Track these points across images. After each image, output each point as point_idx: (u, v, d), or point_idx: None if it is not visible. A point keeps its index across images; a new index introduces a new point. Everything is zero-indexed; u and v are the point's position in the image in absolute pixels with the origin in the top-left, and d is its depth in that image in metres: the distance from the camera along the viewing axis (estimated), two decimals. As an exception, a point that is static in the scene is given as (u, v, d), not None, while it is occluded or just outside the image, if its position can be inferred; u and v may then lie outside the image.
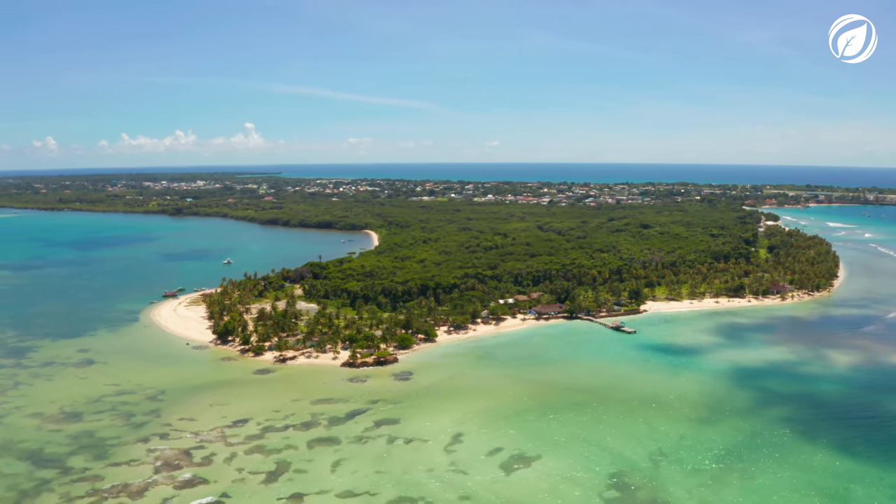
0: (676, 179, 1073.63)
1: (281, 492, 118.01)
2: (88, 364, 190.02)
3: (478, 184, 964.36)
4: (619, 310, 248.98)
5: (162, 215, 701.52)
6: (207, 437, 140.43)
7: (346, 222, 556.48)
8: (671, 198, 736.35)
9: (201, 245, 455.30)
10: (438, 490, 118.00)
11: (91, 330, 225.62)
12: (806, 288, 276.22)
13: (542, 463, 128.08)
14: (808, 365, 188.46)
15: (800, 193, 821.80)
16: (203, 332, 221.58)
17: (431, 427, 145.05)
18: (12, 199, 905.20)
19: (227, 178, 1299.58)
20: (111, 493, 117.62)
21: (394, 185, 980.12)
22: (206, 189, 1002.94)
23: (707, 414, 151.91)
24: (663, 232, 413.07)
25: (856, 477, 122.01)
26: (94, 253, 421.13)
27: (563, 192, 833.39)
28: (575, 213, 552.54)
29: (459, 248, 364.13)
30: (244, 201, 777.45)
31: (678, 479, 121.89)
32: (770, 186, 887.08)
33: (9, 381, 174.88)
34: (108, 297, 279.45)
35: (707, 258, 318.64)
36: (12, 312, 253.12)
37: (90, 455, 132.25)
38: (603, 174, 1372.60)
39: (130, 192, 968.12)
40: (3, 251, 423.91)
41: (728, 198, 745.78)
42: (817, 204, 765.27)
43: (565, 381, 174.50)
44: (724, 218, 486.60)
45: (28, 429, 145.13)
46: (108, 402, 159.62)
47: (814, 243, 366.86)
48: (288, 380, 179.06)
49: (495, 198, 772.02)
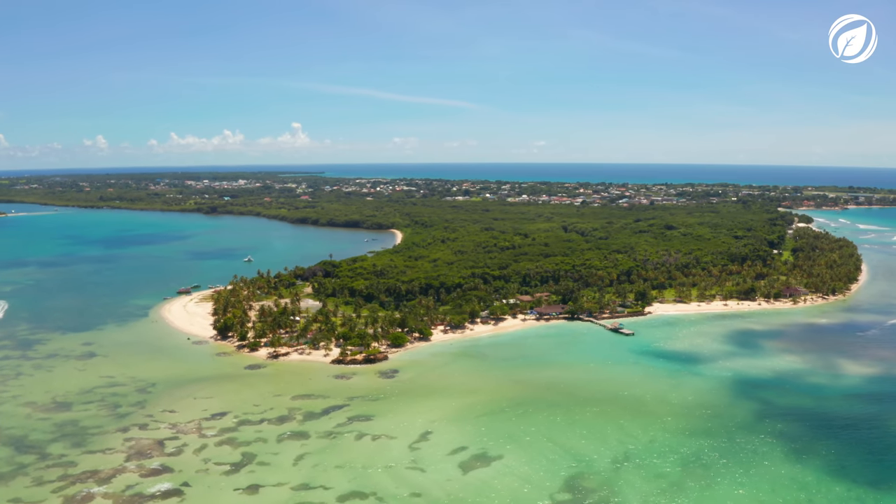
0: (717, 180, 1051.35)
1: (239, 482, 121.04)
2: (90, 357, 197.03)
3: (514, 184, 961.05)
4: (623, 311, 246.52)
5: (197, 213, 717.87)
6: (184, 429, 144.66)
7: (373, 221, 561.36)
8: (707, 199, 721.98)
9: (228, 243, 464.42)
10: (391, 486, 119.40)
11: (100, 324, 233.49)
12: (821, 291, 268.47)
13: (502, 462, 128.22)
14: (809, 370, 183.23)
15: (839, 195, 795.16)
16: (206, 328, 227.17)
17: (402, 424, 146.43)
18: (56, 196, 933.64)
19: (269, 177, 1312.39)
20: (80, 478, 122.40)
21: (431, 184, 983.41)
22: (246, 188, 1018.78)
23: (685, 419, 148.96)
24: (686, 233, 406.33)
25: (831, 495, 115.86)
26: (121, 250, 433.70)
27: (599, 192, 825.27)
28: (603, 214, 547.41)
29: (476, 248, 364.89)
30: (280, 200, 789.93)
31: (636, 483, 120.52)
32: (811, 188, 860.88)
33: (11, 372, 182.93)
34: (123, 293, 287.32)
35: (722, 260, 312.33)
36: (30, 306, 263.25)
37: (69, 443, 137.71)
38: (648, 175, 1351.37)
39: (171, 190, 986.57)
40: (36, 248, 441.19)
41: (765, 199, 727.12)
42: (856, 206, 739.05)
43: (548, 382, 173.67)
44: (755, 220, 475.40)
45: (18, 416, 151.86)
46: (98, 394, 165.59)
47: (838, 246, 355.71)
48: (276, 375, 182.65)
49: (529, 198, 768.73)
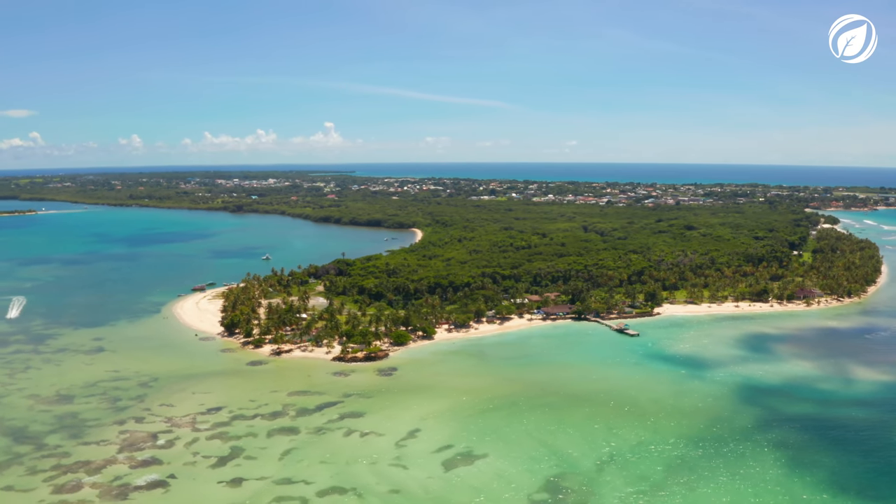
0: (748, 180, 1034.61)
1: (223, 475, 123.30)
2: (98, 352, 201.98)
3: (541, 183, 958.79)
4: (632, 312, 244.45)
5: (223, 212, 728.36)
6: (178, 423, 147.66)
7: (394, 220, 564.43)
8: (735, 199, 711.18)
9: (249, 242, 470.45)
10: (372, 482, 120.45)
11: (112, 320, 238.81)
12: (836, 293, 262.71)
13: (485, 461, 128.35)
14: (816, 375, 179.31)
15: (870, 195, 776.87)
16: (214, 325, 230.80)
17: (392, 421, 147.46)
18: (87, 195, 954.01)
19: (300, 176, 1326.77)
20: (72, 468, 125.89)
21: (458, 183, 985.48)
22: (274, 187, 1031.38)
23: (678, 422, 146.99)
24: (706, 234, 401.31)
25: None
26: (143, 248, 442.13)
27: (626, 192, 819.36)
28: (626, 214, 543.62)
29: (491, 248, 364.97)
30: (307, 199, 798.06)
31: (617, 484, 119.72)
32: (843, 188, 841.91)
33: (21, 365, 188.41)
34: (140, 290, 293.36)
35: (738, 261, 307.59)
36: (48, 302, 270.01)
37: (66, 434, 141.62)
38: (682, 174, 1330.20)
39: (200, 189, 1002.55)
40: (61, 245, 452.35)
41: (793, 199, 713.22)
42: (886, 207, 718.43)
43: (544, 382, 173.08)
44: (779, 220, 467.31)
45: (21, 408, 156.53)
46: (101, 387, 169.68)
47: (859, 247, 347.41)
48: (276, 372, 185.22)
49: (555, 198, 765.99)
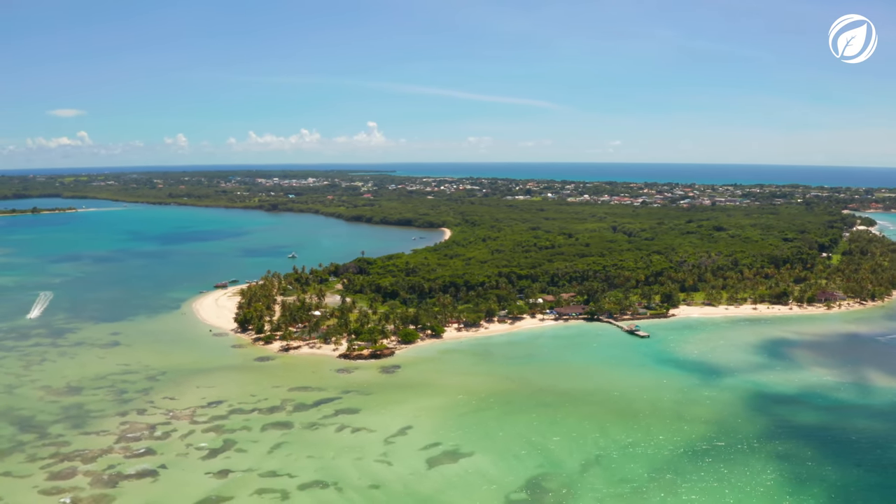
0: (790, 181, 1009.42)
1: (212, 467, 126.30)
2: (113, 346, 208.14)
3: (578, 183, 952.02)
4: (646, 313, 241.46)
5: (259, 210, 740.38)
6: (178, 415, 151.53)
7: (425, 220, 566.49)
8: (772, 200, 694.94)
9: (279, 240, 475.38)
10: (354, 477, 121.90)
11: (132, 315, 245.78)
12: (860, 297, 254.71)
13: (469, 460, 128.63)
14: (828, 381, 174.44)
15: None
16: (229, 321, 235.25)
17: (385, 419, 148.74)
18: (128, 193, 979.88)
19: (340, 175, 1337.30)
20: (69, 457, 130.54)
21: (495, 183, 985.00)
22: (313, 186, 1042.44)
23: (673, 426, 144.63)
24: (735, 235, 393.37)
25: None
26: (175, 246, 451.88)
27: (663, 192, 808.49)
28: (658, 215, 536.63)
29: (514, 247, 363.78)
30: (342, 198, 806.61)
31: (599, 486, 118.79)
32: (885, 190, 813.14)
33: (37, 358, 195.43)
34: (163, 286, 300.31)
35: (760, 262, 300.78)
36: (73, 297, 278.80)
37: (70, 424, 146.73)
38: (724, 175, 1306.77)
39: (240, 188, 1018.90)
40: (95, 242, 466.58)
41: (832, 201, 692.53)
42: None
43: (544, 382, 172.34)
44: (813, 222, 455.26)
45: (31, 399, 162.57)
46: (110, 380, 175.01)
47: (890, 250, 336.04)
48: (281, 368, 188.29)
49: (591, 198, 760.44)
